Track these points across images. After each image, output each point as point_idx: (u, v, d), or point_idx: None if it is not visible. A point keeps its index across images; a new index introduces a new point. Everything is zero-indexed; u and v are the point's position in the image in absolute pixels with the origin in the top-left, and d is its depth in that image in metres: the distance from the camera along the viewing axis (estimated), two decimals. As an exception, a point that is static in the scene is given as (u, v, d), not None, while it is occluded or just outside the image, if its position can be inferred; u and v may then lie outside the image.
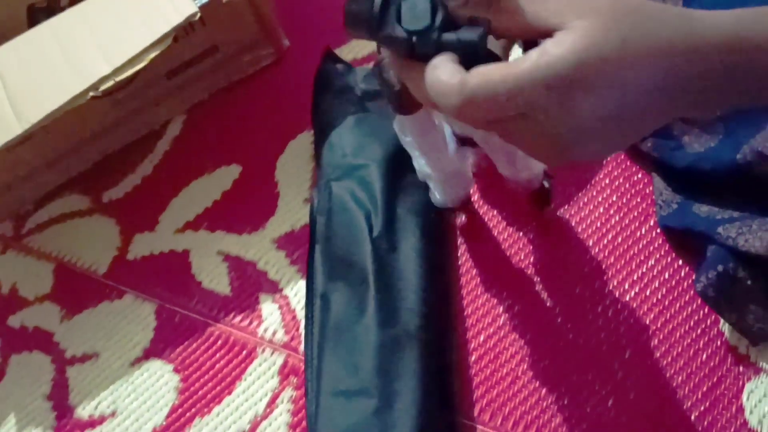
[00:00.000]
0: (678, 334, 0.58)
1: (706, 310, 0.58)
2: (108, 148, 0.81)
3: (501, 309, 0.62)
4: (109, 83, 0.62)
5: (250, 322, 0.67)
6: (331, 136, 0.69)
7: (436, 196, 0.59)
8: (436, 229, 0.64)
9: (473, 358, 0.61)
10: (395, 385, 0.54)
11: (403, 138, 0.52)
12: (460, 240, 0.66)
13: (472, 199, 0.67)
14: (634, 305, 0.60)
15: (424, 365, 0.56)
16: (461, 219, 0.67)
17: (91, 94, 0.61)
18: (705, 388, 0.56)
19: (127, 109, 0.78)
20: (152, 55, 0.62)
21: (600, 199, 0.65)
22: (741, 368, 0.55)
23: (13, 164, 0.74)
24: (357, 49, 0.82)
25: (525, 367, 0.60)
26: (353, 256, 0.61)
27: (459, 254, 0.66)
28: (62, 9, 0.71)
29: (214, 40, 0.78)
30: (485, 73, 0.32)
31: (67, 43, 0.65)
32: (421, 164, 0.55)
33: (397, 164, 0.64)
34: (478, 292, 0.64)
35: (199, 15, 0.63)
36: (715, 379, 0.56)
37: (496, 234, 0.66)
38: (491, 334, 0.61)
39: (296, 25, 0.85)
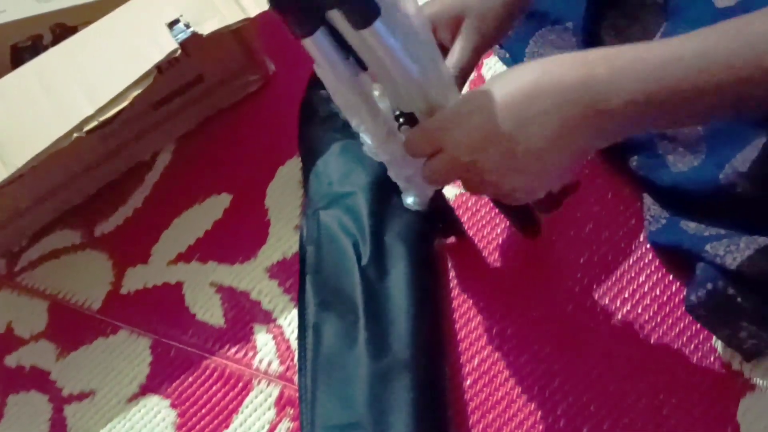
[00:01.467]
0: (671, 351, 0.58)
1: (699, 326, 0.58)
2: (99, 181, 0.81)
3: (495, 331, 0.62)
4: (93, 123, 0.62)
5: (245, 354, 0.67)
6: (317, 164, 0.69)
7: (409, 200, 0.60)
8: (424, 254, 0.64)
9: (468, 382, 0.61)
10: (389, 417, 0.54)
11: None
12: (450, 263, 0.66)
13: (462, 220, 0.67)
14: (627, 323, 0.60)
15: (416, 396, 0.55)
16: (451, 241, 0.67)
17: (76, 135, 0.61)
18: (701, 406, 0.55)
19: (115, 142, 0.78)
20: (135, 93, 0.62)
21: (589, 215, 0.65)
22: (735, 384, 0.55)
23: (4, 204, 0.75)
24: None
25: (520, 390, 0.59)
26: (343, 286, 0.61)
27: (450, 277, 0.66)
28: (45, 48, 0.71)
29: (199, 70, 0.78)
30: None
31: (51, 83, 0.66)
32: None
33: (383, 190, 0.64)
34: (471, 315, 0.64)
35: (179, 51, 0.63)
36: (710, 397, 0.56)
37: (486, 255, 0.66)
38: (485, 358, 0.61)
39: (281, 50, 0.85)
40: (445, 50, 0.53)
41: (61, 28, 0.73)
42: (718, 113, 0.42)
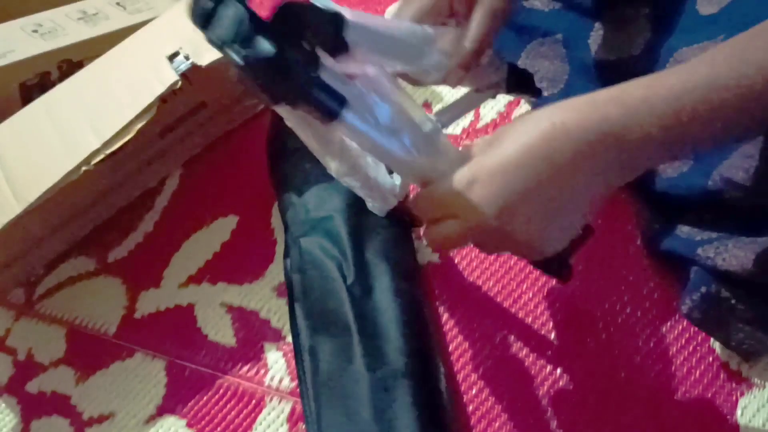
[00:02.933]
0: (670, 354, 0.59)
1: (696, 327, 0.59)
2: (110, 209, 0.83)
3: (497, 339, 0.64)
4: (100, 157, 0.64)
5: (257, 372, 0.69)
6: (291, 195, 0.71)
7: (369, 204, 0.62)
8: (405, 267, 0.66)
9: (473, 391, 0.62)
10: (395, 423, 0.56)
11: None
12: (453, 270, 0.68)
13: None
14: (626, 327, 0.61)
15: (417, 400, 0.57)
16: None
17: (84, 168, 0.64)
18: (700, 406, 0.57)
19: (124, 171, 0.80)
20: (139, 125, 0.64)
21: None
22: (733, 384, 0.56)
23: (19, 236, 0.77)
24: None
25: (523, 397, 0.61)
26: (332, 307, 0.63)
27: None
28: (53, 84, 0.73)
29: (201, 98, 0.80)
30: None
31: (59, 119, 0.68)
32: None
33: (359, 211, 0.67)
34: (476, 324, 0.65)
35: (180, 83, 0.66)
36: (709, 396, 0.57)
37: (481, 262, 0.67)
38: (490, 366, 0.63)
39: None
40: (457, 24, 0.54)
41: (67, 63, 0.76)
42: (737, 132, 0.43)
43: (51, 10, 0.79)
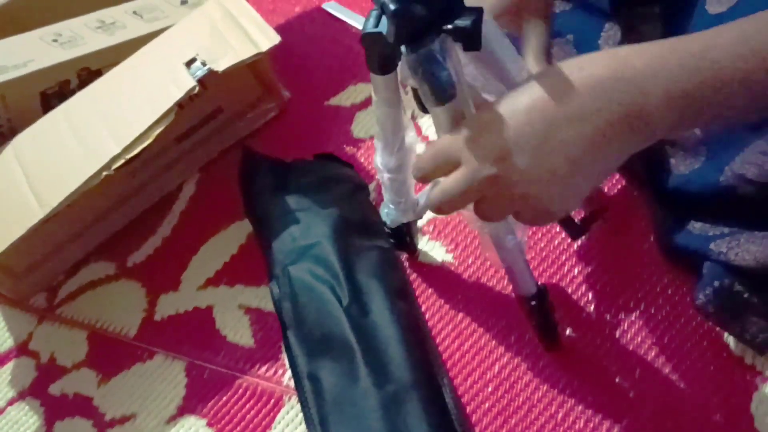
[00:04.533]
0: (685, 349, 0.60)
1: (710, 322, 0.60)
2: (129, 214, 0.85)
3: (513, 338, 0.64)
4: (120, 162, 0.66)
5: (275, 372, 0.70)
6: (274, 226, 0.72)
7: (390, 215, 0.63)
8: (397, 285, 0.67)
9: (489, 389, 0.63)
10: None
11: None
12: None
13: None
14: (640, 323, 0.62)
15: (428, 410, 0.58)
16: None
17: (105, 173, 0.65)
18: (715, 400, 0.57)
19: (143, 176, 0.82)
20: (157, 131, 0.66)
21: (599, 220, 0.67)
22: (748, 378, 0.57)
23: (42, 241, 0.79)
24: (355, 95, 0.86)
25: (540, 394, 0.61)
26: (330, 330, 0.64)
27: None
28: (73, 92, 0.75)
29: (217, 103, 0.82)
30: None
31: (79, 126, 0.70)
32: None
33: (346, 234, 0.68)
34: (489, 325, 0.66)
35: (198, 88, 0.67)
36: (724, 391, 0.57)
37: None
38: (505, 364, 0.64)
39: (295, 77, 0.89)
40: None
41: (87, 72, 0.78)
42: (761, 104, 0.39)
43: (70, 19, 0.81)
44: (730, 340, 0.59)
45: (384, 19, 0.42)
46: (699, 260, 0.57)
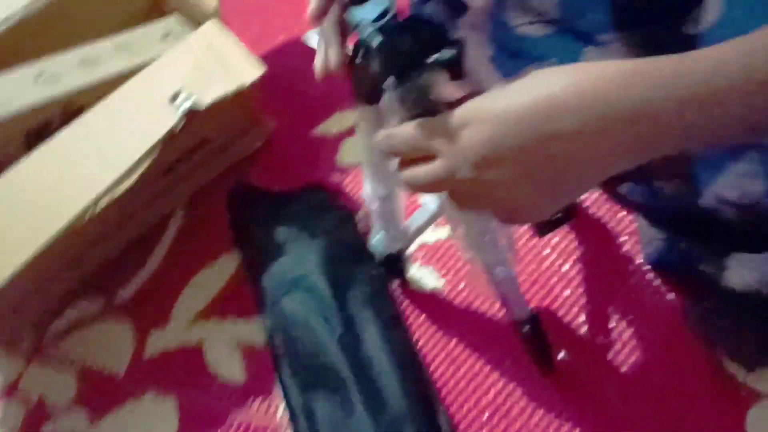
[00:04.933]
0: (678, 368, 0.60)
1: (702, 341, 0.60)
2: (117, 247, 0.84)
3: (507, 363, 0.64)
4: (106, 201, 0.65)
5: (268, 407, 0.69)
6: (264, 258, 0.73)
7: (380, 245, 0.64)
8: (388, 314, 0.68)
9: (486, 415, 0.62)
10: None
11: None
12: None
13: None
14: (633, 344, 0.62)
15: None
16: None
17: (89, 212, 0.65)
18: (709, 419, 0.57)
19: (129, 210, 0.81)
20: (142, 169, 0.66)
21: (586, 238, 0.67)
22: (741, 395, 0.57)
23: (30, 275, 0.77)
24: (341, 122, 0.86)
25: (536, 419, 0.61)
26: (323, 361, 0.64)
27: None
28: (55, 130, 0.74)
29: (203, 135, 0.81)
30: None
31: (63, 165, 0.69)
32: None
33: (337, 263, 0.69)
34: (482, 350, 0.66)
35: (181, 125, 0.67)
36: (718, 409, 0.57)
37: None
38: (500, 390, 0.63)
39: (280, 108, 0.89)
40: None
41: (69, 109, 0.77)
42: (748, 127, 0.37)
43: (52, 56, 0.80)
44: (722, 359, 0.59)
45: (369, 51, 0.43)
46: (689, 279, 0.57)
